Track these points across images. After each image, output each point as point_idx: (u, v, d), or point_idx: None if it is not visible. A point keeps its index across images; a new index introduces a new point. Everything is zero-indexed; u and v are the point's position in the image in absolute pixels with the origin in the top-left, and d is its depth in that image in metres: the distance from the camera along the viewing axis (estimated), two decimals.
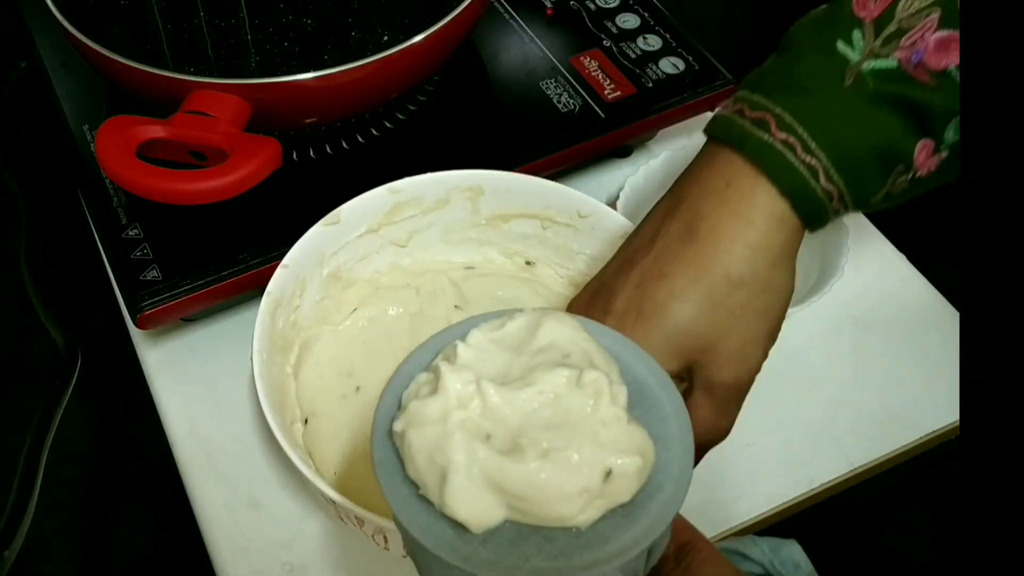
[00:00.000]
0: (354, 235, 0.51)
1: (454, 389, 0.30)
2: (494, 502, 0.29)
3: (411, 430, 0.31)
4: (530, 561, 0.29)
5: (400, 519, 0.30)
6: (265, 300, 0.46)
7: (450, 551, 0.29)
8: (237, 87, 0.49)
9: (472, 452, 0.29)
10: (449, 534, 0.29)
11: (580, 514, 0.29)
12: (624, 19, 0.66)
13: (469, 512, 0.29)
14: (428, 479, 0.30)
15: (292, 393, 0.50)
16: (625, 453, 0.29)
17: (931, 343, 0.57)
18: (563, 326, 0.33)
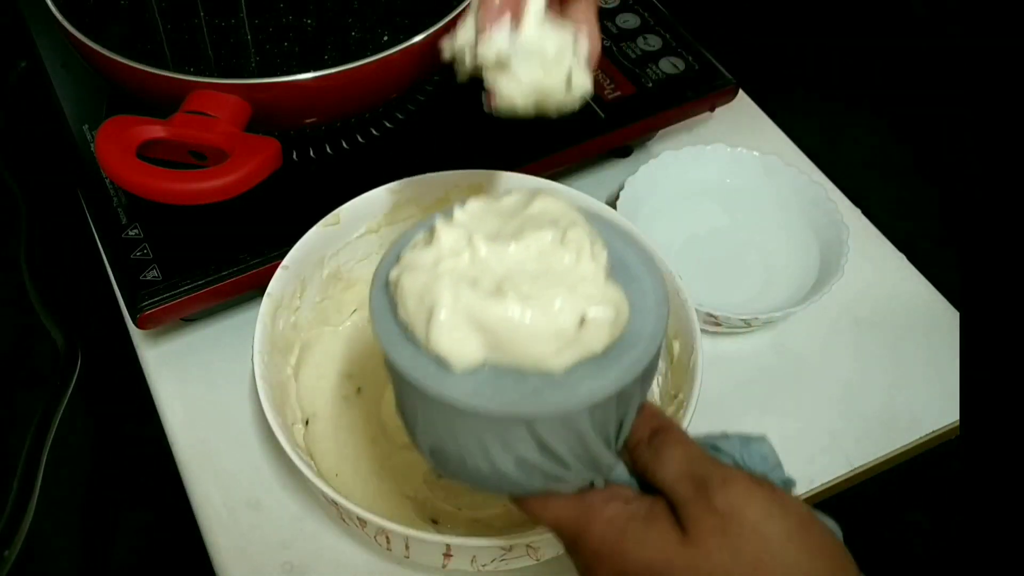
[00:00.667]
0: (354, 236, 0.51)
1: (447, 241, 0.33)
2: (475, 341, 0.32)
3: (404, 275, 0.33)
4: (505, 394, 0.31)
5: (389, 355, 0.32)
6: (265, 301, 0.46)
7: (432, 382, 0.31)
8: (237, 87, 0.49)
9: (458, 293, 0.32)
10: (432, 369, 0.32)
11: (555, 357, 0.31)
12: (624, 19, 0.66)
13: (451, 348, 0.31)
14: (416, 319, 0.32)
15: (293, 394, 0.50)
16: (600, 304, 0.32)
17: (931, 343, 0.57)
18: (555, 201, 0.35)
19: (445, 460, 0.34)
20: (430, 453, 0.35)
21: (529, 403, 0.31)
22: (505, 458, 0.32)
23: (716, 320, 0.54)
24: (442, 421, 0.32)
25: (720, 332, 0.56)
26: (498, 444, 0.32)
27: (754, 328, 0.56)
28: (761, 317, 0.53)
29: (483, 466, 0.33)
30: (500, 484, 0.34)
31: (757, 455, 0.35)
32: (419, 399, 0.32)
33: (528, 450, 0.32)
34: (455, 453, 0.33)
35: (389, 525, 0.40)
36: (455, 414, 0.31)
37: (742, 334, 0.57)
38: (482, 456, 0.32)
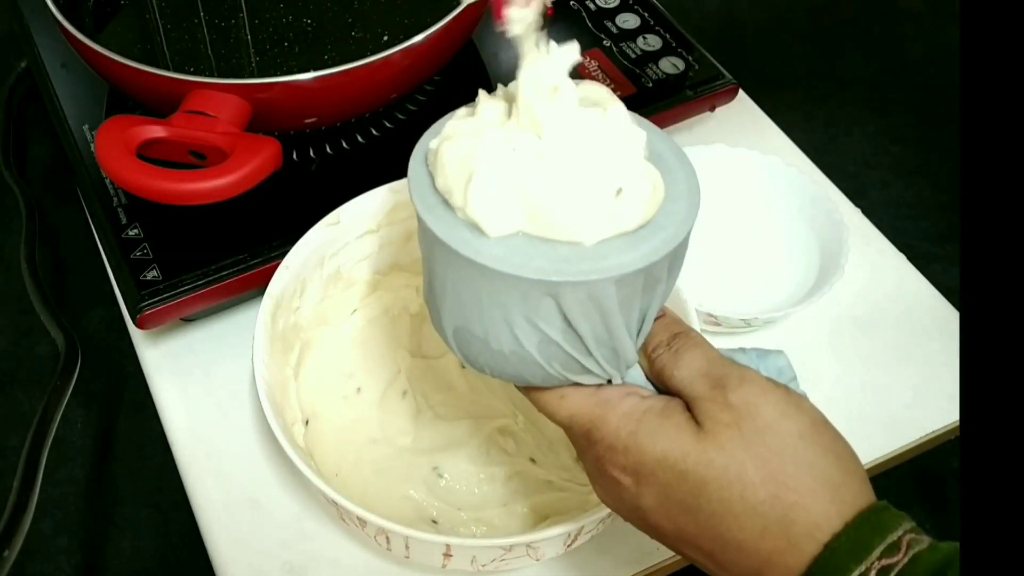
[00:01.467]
0: (354, 236, 0.51)
1: (490, 113, 0.34)
2: (512, 207, 0.32)
3: (445, 144, 0.34)
4: (535, 261, 0.31)
5: (424, 220, 0.33)
6: (266, 301, 0.46)
7: (464, 245, 0.32)
8: (237, 87, 0.49)
9: (498, 159, 0.32)
10: (466, 234, 0.32)
11: (588, 228, 0.32)
12: (624, 19, 0.66)
13: (488, 212, 0.32)
14: (454, 184, 0.33)
15: (293, 394, 0.50)
16: (637, 178, 0.32)
17: (931, 343, 0.57)
18: (600, 87, 0.36)
19: (469, 341, 0.35)
20: (454, 335, 0.35)
21: (558, 269, 0.31)
22: (529, 335, 0.33)
23: (716, 320, 0.54)
24: (470, 290, 0.33)
25: (720, 332, 0.56)
26: (523, 317, 0.32)
27: (754, 328, 0.56)
28: (761, 317, 0.53)
29: (506, 346, 0.33)
30: (521, 369, 0.34)
31: (774, 367, 0.36)
32: (450, 266, 0.33)
33: (552, 326, 0.32)
34: (479, 331, 0.34)
35: (389, 525, 0.39)
36: (484, 279, 0.32)
37: (742, 334, 0.57)
38: (506, 333, 0.33)
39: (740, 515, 0.31)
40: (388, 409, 0.51)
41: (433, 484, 0.48)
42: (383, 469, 0.49)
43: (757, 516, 0.31)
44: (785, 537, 0.31)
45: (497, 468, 0.49)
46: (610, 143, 0.33)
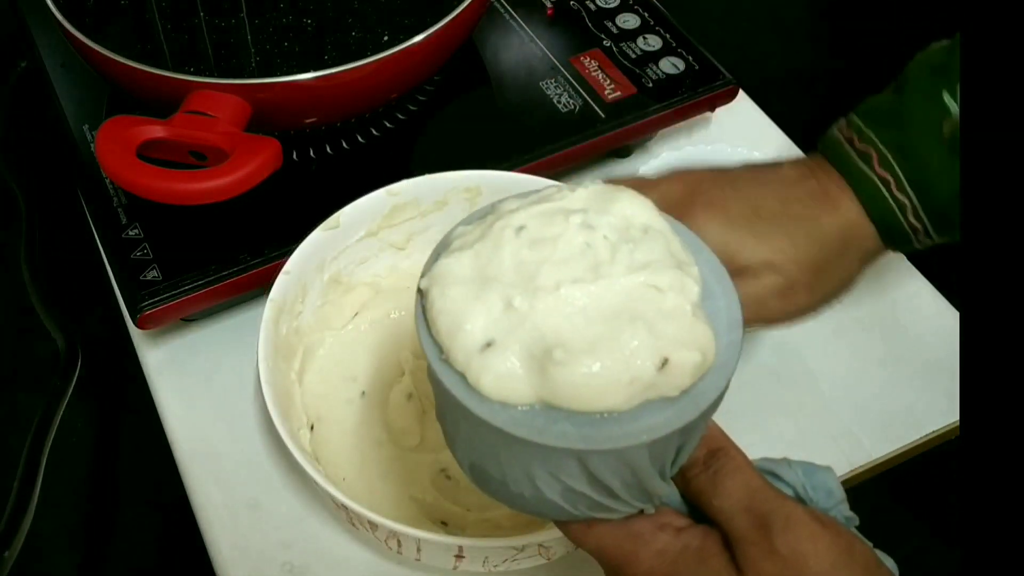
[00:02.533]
0: (353, 239, 0.51)
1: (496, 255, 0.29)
2: (527, 380, 0.28)
3: (435, 290, 0.29)
4: (557, 424, 0.28)
5: (432, 367, 0.29)
6: (268, 307, 0.46)
7: (478, 405, 0.28)
8: (237, 87, 0.49)
9: (507, 328, 0.28)
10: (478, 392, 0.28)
11: (620, 401, 0.28)
12: (624, 19, 0.66)
13: (498, 390, 0.28)
14: (453, 347, 0.29)
15: (297, 399, 0.50)
16: (686, 346, 0.28)
17: (931, 343, 0.57)
18: (640, 206, 0.31)
19: (486, 480, 0.32)
20: (469, 469, 0.32)
21: (584, 436, 0.28)
22: (551, 487, 0.30)
23: None
24: (486, 444, 0.30)
25: None
26: (545, 473, 0.29)
27: (754, 328, 0.56)
28: None
29: (527, 492, 0.30)
30: (542, 509, 0.31)
31: (823, 489, 0.33)
32: (462, 418, 0.29)
33: (577, 481, 0.29)
34: (497, 475, 0.31)
35: (402, 528, 0.39)
36: (501, 440, 0.28)
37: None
38: (527, 483, 0.30)
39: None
40: (393, 411, 0.51)
41: (441, 485, 0.48)
42: (390, 471, 0.49)
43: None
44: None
45: None
46: (653, 304, 0.28)
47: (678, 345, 0.28)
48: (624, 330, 0.28)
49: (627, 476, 0.29)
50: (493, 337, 0.28)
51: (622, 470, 0.29)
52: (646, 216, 0.31)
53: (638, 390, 0.28)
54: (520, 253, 0.29)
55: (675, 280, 0.29)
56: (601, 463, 0.28)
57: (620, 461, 0.28)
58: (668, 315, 0.28)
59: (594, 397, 0.27)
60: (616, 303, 0.28)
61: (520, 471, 0.30)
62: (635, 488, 0.30)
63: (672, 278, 0.29)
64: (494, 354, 0.28)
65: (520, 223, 0.30)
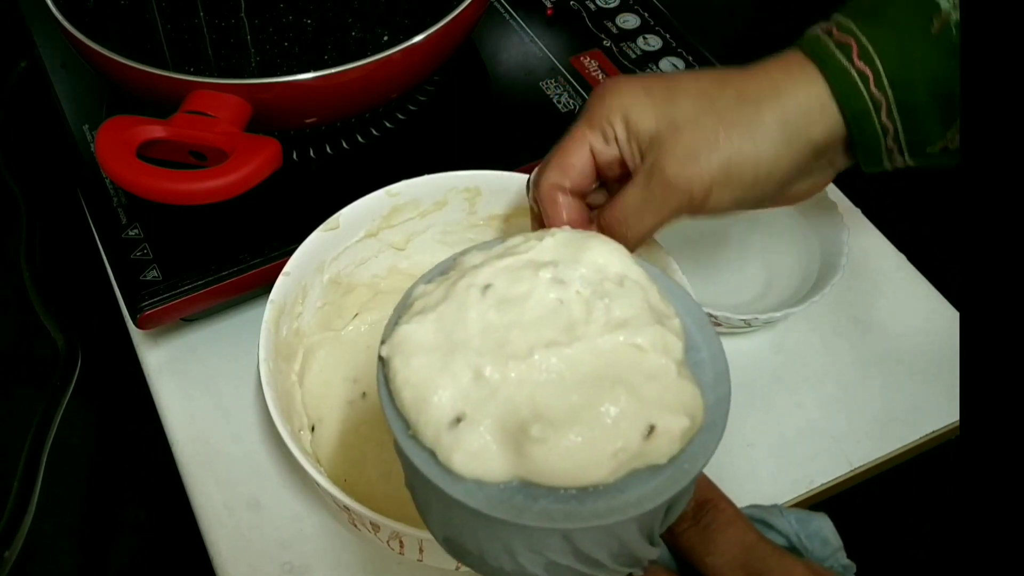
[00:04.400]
0: (353, 240, 0.51)
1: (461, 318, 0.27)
2: (500, 460, 0.26)
3: (397, 359, 0.27)
4: (539, 503, 0.26)
5: (399, 443, 0.27)
6: (269, 308, 0.46)
7: (451, 485, 0.26)
8: (237, 87, 0.49)
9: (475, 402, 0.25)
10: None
11: (605, 474, 0.26)
12: (624, 19, 0.66)
13: (467, 470, 0.26)
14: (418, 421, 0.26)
15: (298, 400, 0.50)
16: (673, 411, 0.26)
17: (931, 343, 0.57)
18: (612, 253, 0.29)
19: (463, 554, 0.30)
20: (444, 542, 0.31)
21: (567, 513, 0.26)
22: (535, 562, 0.28)
23: (716, 320, 0.54)
24: (461, 522, 0.28)
25: (720, 332, 0.56)
26: (527, 551, 0.27)
27: (754, 328, 0.56)
28: (761, 317, 0.53)
29: (508, 567, 0.28)
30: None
31: (817, 538, 0.32)
32: (434, 497, 0.27)
33: (562, 556, 0.27)
34: (475, 551, 0.29)
35: (405, 529, 0.39)
36: (478, 520, 0.26)
37: (742, 334, 0.57)
38: (507, 559, 0.28)
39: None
40: None
41: None
42: (391, 472, 0.49)
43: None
44: None
45: None
46: (634, 366, 0.26)
47: (664, 410, 0.26)
48: (605, 397, 0.25)
49: (614, 547, 0.28)
50: (463, 411, 0.26)
51: (610, 543, 0.27)
52: (620, 264, 0.29)
53: (623, 461, 0.26)
54: (487, 316, 0.27)
55: (657, 338, 0.27)
56: (587, 538, 0.27)
57: (607, 535, 0.27)
58: (651, 377, 0.26)
59: (576, 473, 0.25)
60: (595, 367, 0.26)
61: (500, 548, 0.28)
62: (623, 556, 0.29)
63: (653, 336, 0.27)
64: (465, 430, 0.26)
65: (486, 281, 0.28)
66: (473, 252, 0.30)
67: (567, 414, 0.25)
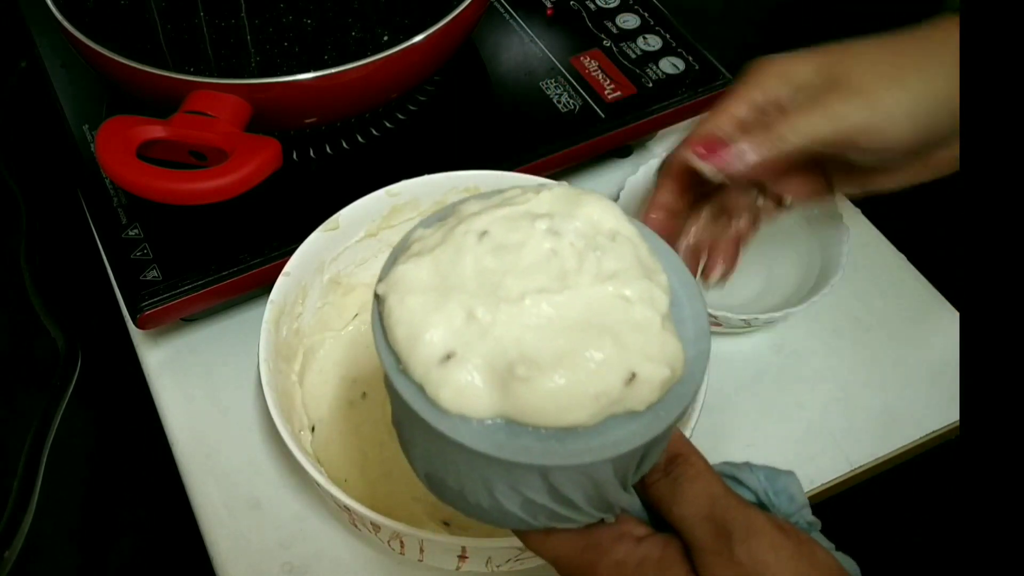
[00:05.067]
0: (353, 240, 0.51)
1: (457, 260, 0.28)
2: (488, 393, 0.27)
3: (392, 296, 0.28)
4: (520, 439, 0.27)
5: (389, 376, 0.28)
6: (269, 308, 0.46)
7: (437, 419, 0.27)
8: (237, 87, 0.49)
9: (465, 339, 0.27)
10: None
11: (585, 417, 0.27)
12: (624, 19, 0.66)
13: (453, 404, 0.27)
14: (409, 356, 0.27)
15: (298, 400, 0.50)
16: (654, 360, 0.27)
17: (931, 343, 0.57)
18: (604, 211, 0.30)
19: (442, 489, 0.31)
20: (425, 478, 0.32)
21: (546, 450, 0.27)
22: (511, 499, 0.29)
23: (716, 320, 0.54)
24: (443, 456, 0.29)
25: (720, 332, 0.56)
26: (505, 487, 0.29)
27: (754, 328, 0.56)
28: (761, 317, 0.53)
29: (484, 503, 0.30)
30: (500, 520, 0.31)
31: (784, 494, 0.32)
32: (420, 430, 0.28)
33: (538, 494, 0.29)
34: (454, 486, 0.30)
35: (405, 529, 0.39)
36: (460, 454, 0.28)
37: (742, 334, 0.57)
38: (485, 494, 0.29)
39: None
40: None
41: None
42: (391, 472, 0.49)
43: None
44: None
45: None
46: (620, 315, 0.27)
47: (646, 359, 0.27)
48: (591, 343, 0.27)
49: (590, 489, 0.29)
50: (453, 349, 0.27)
51: (585, 484, 0.28)
52: (613, 221, 0.30)
53: (604, 405, 0.27)
54: (483, 260, 0.28)
55: (644, 291, 0.28)
56: (564, 478, 0.28)
57: (584, 475, 0.28)
58: (636, 327, 0.27)
59: (558, 413, 0.27)
60: (583, 314, 0.27)
61: (479, 484, 0.29)
62: (597, 500, 0.29)
63: (641, 288, 0.28)
64: (454, 367, 0.27)
65: (483, 228, 0.29)
66: (471, 201, 0.31)
67: (553, 357, 0.26)
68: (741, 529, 0.29)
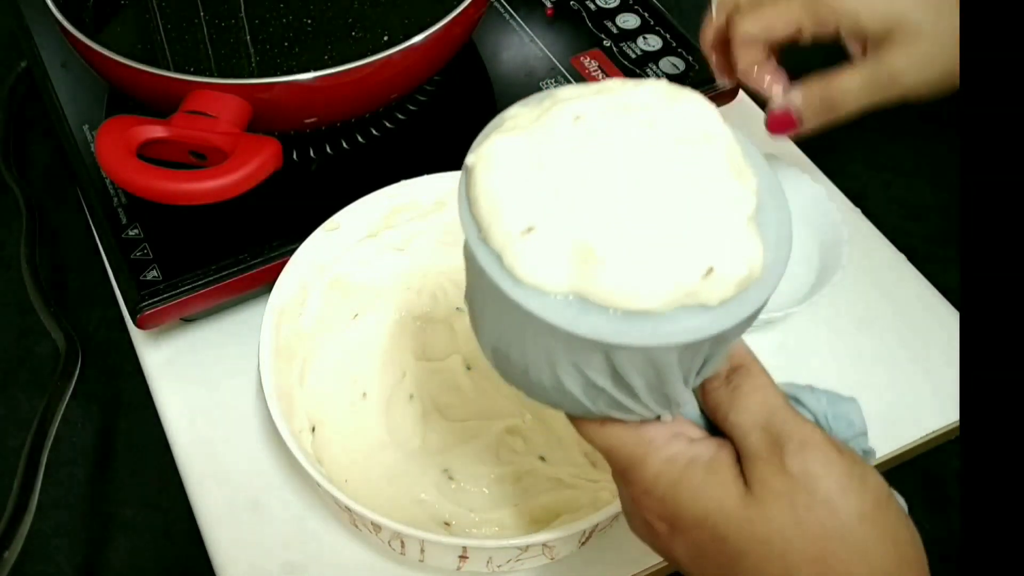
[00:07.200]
0: (353, 241, 0.51)
1: (548, 134, 0.28)
2: (562, 274, 0.27)
3: (480, 166, 0.29)
4: (590, 315, 0.27)
5: (468, 240, 0.29)
6: (269, 309, 0.46)
7: (511, 286, 0.27)
8: (237, 87, 0.49)
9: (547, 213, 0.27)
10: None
11: (658, 303, 0.27)
12: (624, 19, 0.66)
13: (528, 276, 0.27)
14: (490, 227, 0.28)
15: (299, 401, 0.50)
16: (735, 257, 0.27)
17: (931, 343, 0.57)
18: (705, 109, 0.30)
19: (507, 365, 0.31)
20: (492, 353, 0.32)
21: (615, 330, 0.27)
22: (573, 379, 0.29)
23: None
24: (512, 328, 0.29)
25: None
26: (568, 364, 0.29)
27: (754, 328, 0.56)
28: (761, 317, 0.53)
29: (547, 381, 0.30)
30: (560, 401, 0.31)
31: (844, 419, 0.32)
32: (492, 299, 0.29)
33: (600, 376, 0.29)
34: (519, 362, 0.30)
35: (406, 530, 0.39)
36: (529, 325, 0.28)
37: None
38: (548, 372, 0.29)
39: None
40: (395, 413, 0.51)
41: (443, 486, 0.48)
42: (393, 473, 0.49)
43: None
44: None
45: (507, 468, 0.49)
46: (710, 209, 0.27)
47: (726, 255, 0.27)
48: (673, 232, 0.27)
49: (651, 377, 0.29)
50: (535, 222, 0.27)
51: (647, 371, 0.28)
52: (711, 120, 0.30)
53: (678, 295, 0.27)
54: (575, 142, 0.28)
55: (732, 189, 0.28)
56: (628, 360, 0.28)
57: (647, 361, 0.28)
58: (720, 223, 0.27)
59: (631, 296, 0.27)
60: (668, 205, 0.27)
61: (543, 360, 0.29)
62: (657, 392, 0.30)
63: (730, 187, 0.28)
64: (534, 239, 0.27)
65: (578, 112, 0.29)
66: (569, 87, 0.31)
67: (634, 241, 0.27)
68: (795, 441, 0.29)
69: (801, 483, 0.29)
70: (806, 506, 0.28)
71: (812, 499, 0.28)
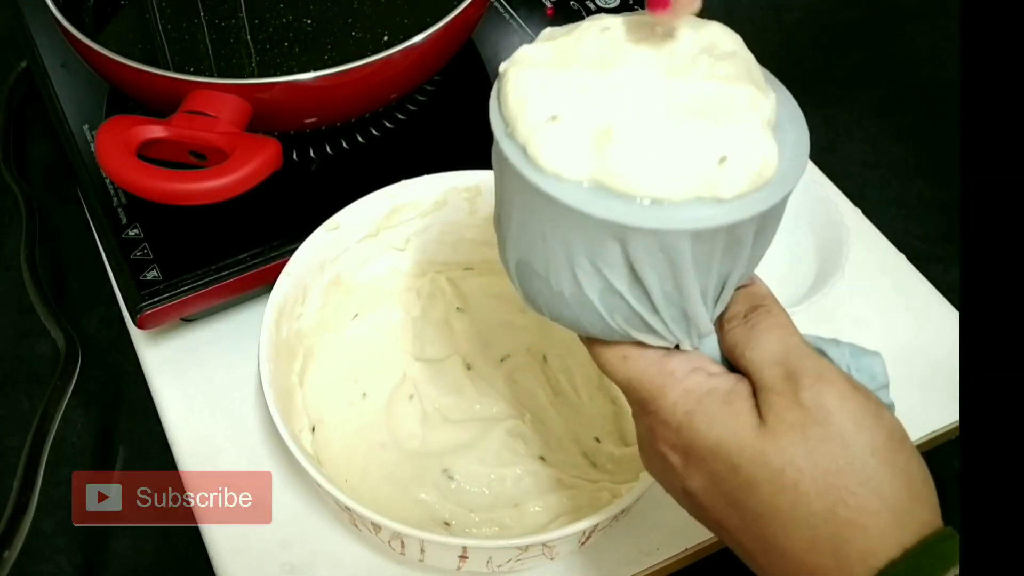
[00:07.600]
0: (353, 240, 0.51)
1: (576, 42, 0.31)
2: (583, 161, 0.28)
3: (512, 69, 0.31)
4: (606, 200, 0.28)
5: (496, 137, 0.30)
6: (269, 309, 0.46)
7: (534, 173, 0.29)
8: (237, 87, 0.49)
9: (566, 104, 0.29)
10: None
11: (673, 191, 0.28)
12: None
13: (550, 163, 0.29)
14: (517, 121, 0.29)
15: (299, 401, 0.50)
16: (749, 150, 0.28)
17: (931, 343, 0.57)
18: (729, 34, 0.31)
19: (530, 278, 0.32)
20: (516, 268, 0.33)
21: (628, 212, 0.28)
22: (592, 280, 0.30)
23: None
24: (535, 220, 0.30)
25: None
26: (586, 259, 0.30)
27: None
28: None
29: (567, 288, 0.31)
30: (580, 316, 0.32)
31: (867, 372, 0.33)
32: (516, 191, 0.30)
33: (616, 274, 0.30)
34: (541, 268, 0.31)
35: (405, 529, 0.39)
36: (548, 209, 0.29)
37: None
38: (568, 274, 0.30)
39: (788, 523, 0.29)
40: (395, 413, 0.51)
41: (444, 487, 0.48)
42: (393, 473, 0.49)
43: (807, 527, 0.29)
44: (834, 555, 0.29)
45: (507, 468, 0.49)
46: (724, 105, 0.29)
47: (740, 146, 0.28)
48: (690, 121, 0.28)
49: (667, 278, 0.29)
50: (559, 112, 0.29)
51: (662, 266, 0.29)
52: (734, 44, 0.31)
53: (693, 183, 0.28)
54: (602, 46, 0.31)
55: (750, 95, 0.29)
56: (642, 250, 0.29)
57: (662, 251, 0.28)
58: (737, 120, 0.28)
59: (647, 181, 0.28)
60: (688, 101, 0.29)
61: (563, 258, 0.30)
62: (675, 304, 0.30)
63: (749, 93, 0.29)
64: (557, 127, 0.29)
65: (607, 24, 0.31)
66: (601, 14, 0.33)
67: (653, 128, 0.28)
68: (811, 375, 0.29)
69: (814, 416, 0.29)
70: (819, 438, 0.29)
71: (825, 431, 0.29)
